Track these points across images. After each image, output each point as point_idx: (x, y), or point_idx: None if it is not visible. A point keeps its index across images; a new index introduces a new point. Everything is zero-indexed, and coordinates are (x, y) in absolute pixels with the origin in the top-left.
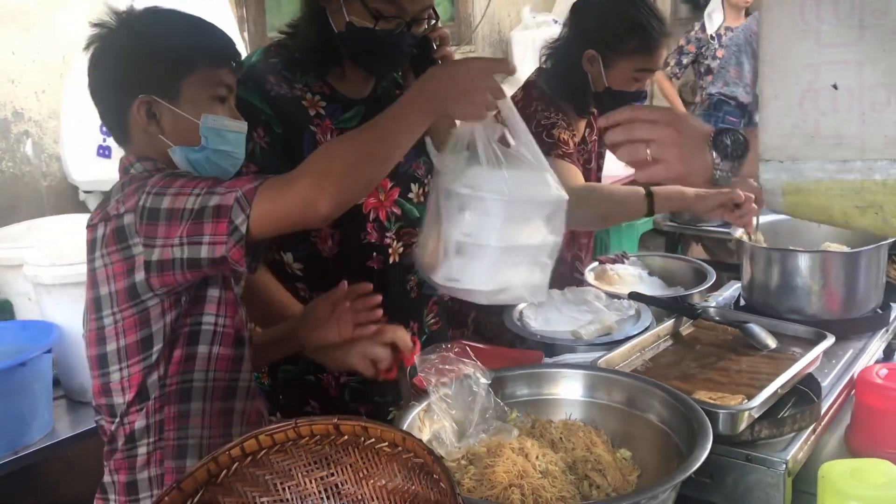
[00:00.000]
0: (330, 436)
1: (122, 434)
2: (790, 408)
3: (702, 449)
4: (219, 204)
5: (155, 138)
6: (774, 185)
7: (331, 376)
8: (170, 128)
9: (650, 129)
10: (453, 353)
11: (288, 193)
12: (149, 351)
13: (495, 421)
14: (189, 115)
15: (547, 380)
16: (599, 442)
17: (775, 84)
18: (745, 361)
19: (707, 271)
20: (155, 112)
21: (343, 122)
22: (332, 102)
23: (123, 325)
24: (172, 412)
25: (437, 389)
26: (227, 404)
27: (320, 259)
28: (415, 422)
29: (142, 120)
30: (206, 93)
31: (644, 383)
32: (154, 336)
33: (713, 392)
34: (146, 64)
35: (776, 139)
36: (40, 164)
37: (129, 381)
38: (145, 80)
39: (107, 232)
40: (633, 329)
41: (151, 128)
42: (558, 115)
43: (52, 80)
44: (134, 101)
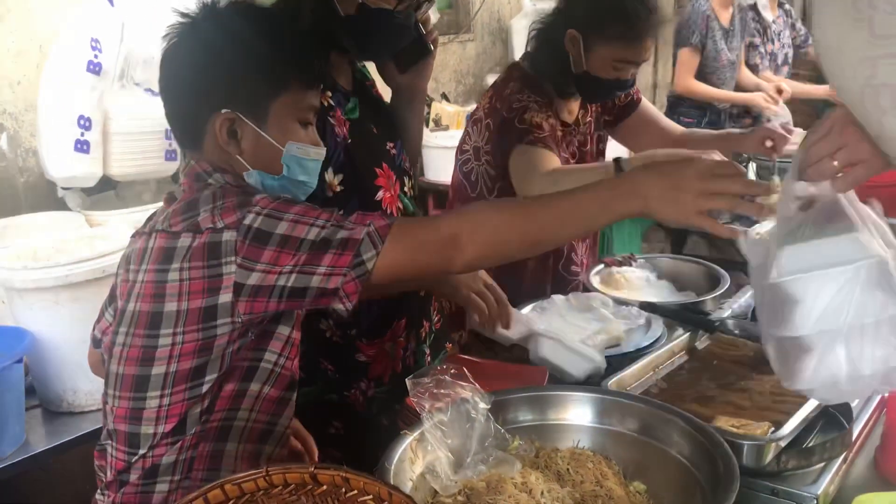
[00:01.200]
0: (306, 486)
1: (141, 467)
2: (818, 434)
3: (729, 491)
4: (347, 238)
5: (231, 157)
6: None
7: (358, 391)
8: (250, 149)
9: (831, 139)
10: (449, 375)
11: (430, 244)
12: (199, 380)
13: (495, 450)
14: (274, 141)
15: (553, 404)
16: (610, 474)
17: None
18: (768, 382)
19: (720, 275)
20: (237, 130)
21: (349, 111)
22: (335, 93)
23: (182, 349)
24: (207, 450)
25: (432, 416)
26: (259, 447)
27: None
28: (406, 453)
29: (221, 137)
30: (293, 116)
31: (660, 410)
32: (209, 365)
33: (735, 418)
34: (236, 76)
35: None
36: (16, 159)
37: (169, 410)
38: (232, 94)
39: (195, 244)
40: (643, 340)
41: (231, 147)
42: (531, 97)
43: (28, 71)
44: (215, 112)
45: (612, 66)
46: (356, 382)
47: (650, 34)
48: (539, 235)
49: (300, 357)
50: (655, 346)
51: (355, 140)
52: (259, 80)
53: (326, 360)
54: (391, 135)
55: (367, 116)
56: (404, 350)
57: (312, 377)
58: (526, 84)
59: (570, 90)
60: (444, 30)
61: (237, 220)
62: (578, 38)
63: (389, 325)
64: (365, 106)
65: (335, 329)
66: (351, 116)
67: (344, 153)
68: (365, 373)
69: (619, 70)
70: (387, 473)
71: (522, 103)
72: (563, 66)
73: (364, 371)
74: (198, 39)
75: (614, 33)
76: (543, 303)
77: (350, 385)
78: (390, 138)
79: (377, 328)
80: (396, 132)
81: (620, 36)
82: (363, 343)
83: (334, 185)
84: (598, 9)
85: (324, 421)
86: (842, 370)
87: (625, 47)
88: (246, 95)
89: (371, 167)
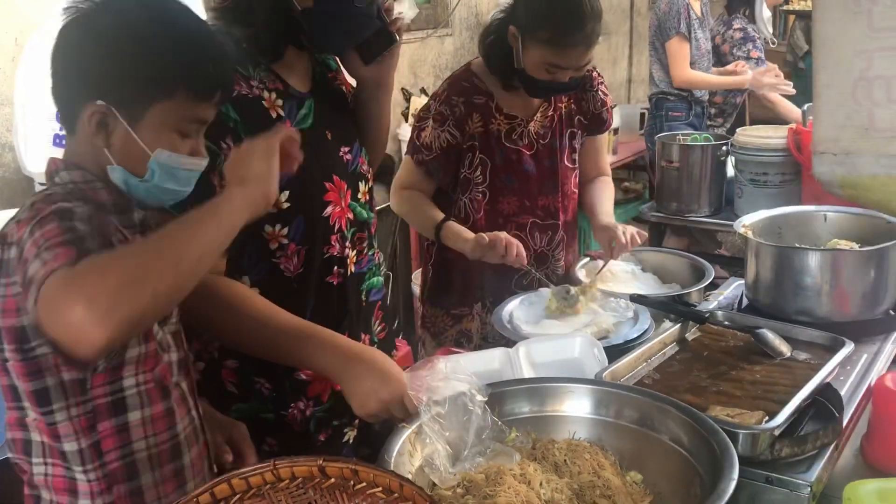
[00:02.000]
0: (314, 479)
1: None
2: (809, 422)
3: (729, 479)
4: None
5: (98, 149)
6: (831, 178)
7: (297, 410)
8: (118, 146)
9: None
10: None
11: (59, 314)
12: (49, 407)
13: (493, 443)
14: (144, 144)
15: (549, 395)
16: (607, 464)
17: (828, 72)
18: (759, 371)
19: (705, 267)
20: (108, 124)
21: (301, 120)
22: (287, 100)
23: (12, 367)
24: (123, 491)
25: (429, 408)
26: (176, 464)
27: (283, 279)
28: (405, 446)
29: (89, 127)
30: (172, 126)
31: (655, 400)
32: (52, 392)
33: (729, 407)
34: (115, 70)
35: (830, 131)
36: None
37: (37, 424)
38: (110, 87)
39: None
40: (632, 332)
41: (98, 139)
42: (446, 105)
43: (3, 65)
44: (89, 101)
45: (544, 68)
46: (294, 402)
47: (581, 42)
48: (181, 254)
49: (233, 373)
50: (644, 337)
51: (306, 154)
52: (141, 81)
53: (262, 377)
54: (347, 137)
55: (321, 121)
56: None
57: (247, 394)
58: (463, 81)
59: (514, 84)
60: (423, 25)
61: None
62: (517, 36)
63: None
64: (321, 108)
65: None
66: (303, 126)
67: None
68: (304, 392)
69: (551, 73)
70: (386, 467)
71: (426, 118)
72: (509, 60)
73: (303, 390)
74: (91, 22)
75: (543, 37)
76: (532, 296)
77: (287, 405)
78: (345, 141)
79: None
80: (353, 133)
81: (548, 41)
82: None
83: (279, 202)
84: (532, 11)
85: (258, 438)
86: None
87: (553, 53)
88: (123, 92)
89: (321, 182)
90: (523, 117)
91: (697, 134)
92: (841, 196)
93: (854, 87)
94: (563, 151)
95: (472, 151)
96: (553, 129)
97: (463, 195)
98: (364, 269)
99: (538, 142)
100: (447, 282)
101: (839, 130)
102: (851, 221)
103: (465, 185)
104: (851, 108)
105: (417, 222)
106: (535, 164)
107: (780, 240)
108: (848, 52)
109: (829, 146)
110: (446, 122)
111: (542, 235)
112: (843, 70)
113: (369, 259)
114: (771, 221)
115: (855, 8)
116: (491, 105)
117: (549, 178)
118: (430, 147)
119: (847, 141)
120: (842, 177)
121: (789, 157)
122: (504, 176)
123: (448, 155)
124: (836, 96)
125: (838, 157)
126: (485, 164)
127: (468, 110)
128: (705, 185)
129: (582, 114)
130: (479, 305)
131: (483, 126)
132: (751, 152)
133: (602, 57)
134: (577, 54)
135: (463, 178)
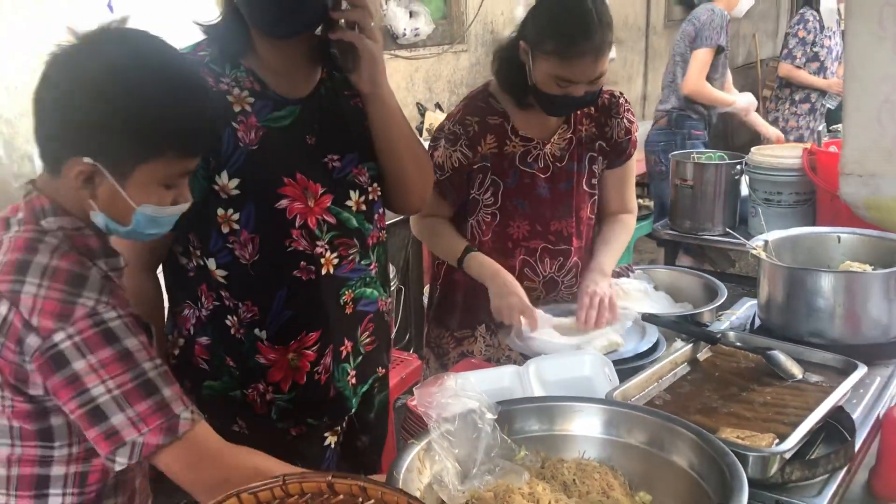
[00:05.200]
0: (323, 495)
1: None
2: (821, 445)
3: (737, 502)
4: (114, 429)
5: (82, 197)
6: (856, 199)
7: (256, 392)
8: (104, 199)
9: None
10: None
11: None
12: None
13: (502, 461)
14: (130, 200)
15: (559, 414)
16: (616, 484)
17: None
18: (770, 393)
19: (717, 287)
20: (94, 179)
21: (272, 119)
22: (261, 99)
23: (11, 412)
24: None
25: (439, 425)
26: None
27: (240, 265)
28: (414, 462)
29: (76, 182)
30: (160, 181)
31: (665, 420)
32: (55, 431)
33: (739, 429)
34: (103, 125)
35: (856, 153)
36: (11, 165)
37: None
38: (97, 145)
39: (9, 320)
40: (641, 345)
41: (83, 192)
42: (459, 125)
43: (25, 77)
44: (76, 156)
45: (554, 82)
46: (254, 383)
47: (589, 52)
48: None
49: (205, 350)
50: (656, 354)
51: (264, 147)
52: (130, 140)
53: (229, 356)
54: (337, 148)
55: (304, 126)
56: (313, 364)
57: (218, 372)
58: (479, 101)
59: (525, 102)
60: (439, 40)
61: (49, 330)
62: (528, 51)
63: (296, 335)
64: (312, 115)
65: (239, 327)
66: (276, 124)
67: (245, 158)
68: (263, 375)
69: (563, 87)
70: (395, 483)
71: (439, 138)
72: (521, 78)
73: (262, 374)
74: (77, 66)
75: (550, 48)
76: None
77: (248, 384)
78: (334, 151)
79: (282, 335)
80: (351, 145)
81: (555, 52)
82: (264, 345)
83: (228, 189)
84: (539, 23)
85: (228, 417)
86: None
87: (561, 64)
88: (113, 151)
89: (277, 175)
90: (539, 139)
91: (712, 152)
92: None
93: (879, 111)
94: (582, 175)
95: (483, 172)
96: (571, 152)
97: (470, 217)
98: (348, 274)
99: (554, 164)
100: (452, 303)
101: (865, 153)
102: (865, 243)
103: (472, 206)
104: (877, 131)
105: (440, 250)
106: (550, 187)
107: (794, 260)
108: (874, 76)
109: (854, 168)
110: (458, 142)
111: (552, 261)
112: (869, 94)
113: (358, 268)
114: (784, 242)
115: (881, 33)
116: (506, 126)
117: (564, 201)
118: (443, 167)
119: (872, 163)
120: (866, 198)
121: (804, 177)
122: (515, 199)
123: (460, 175)
124: (863, 119)
125: (863, 178)
126: (496, 185)
127: (482, 130)
128: (719, 203)
129: (604, 139)
130: (483, 327)
131: (497, 147)
132: (765, 172)
133: (617, 73)
134: (586, 65)
135: (472, 199)
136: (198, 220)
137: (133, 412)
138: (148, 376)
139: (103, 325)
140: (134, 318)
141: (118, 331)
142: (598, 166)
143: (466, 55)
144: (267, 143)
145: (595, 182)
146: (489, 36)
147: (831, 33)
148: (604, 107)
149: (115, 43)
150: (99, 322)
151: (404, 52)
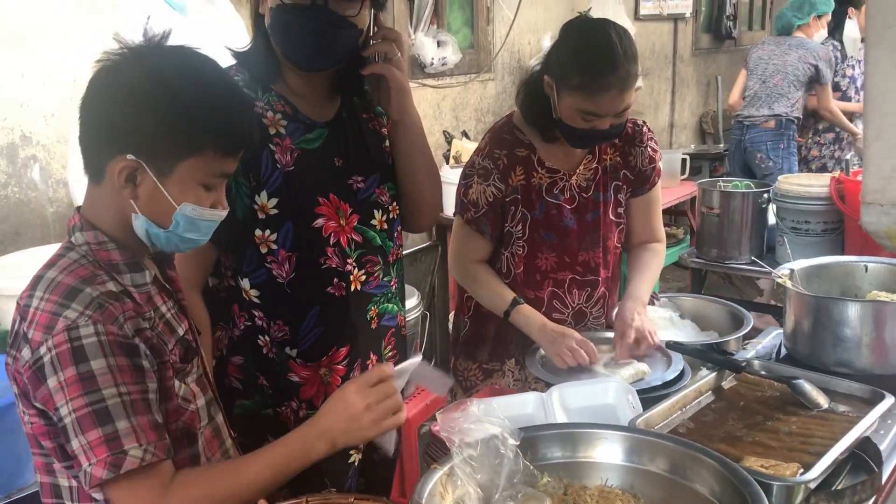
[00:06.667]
0: None
1: None
2: (847, 476)
3: None
4: (76, 451)
5: (124, 200)
6: (877, 228)
7: (289, 409)
8: (145, 199)
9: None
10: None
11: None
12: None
13: (524, 487)
14: (171, 198)
15: (582, 441)
16: None
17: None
18: (795, 422)
19: (743, 315)
20: (137, 177)
21: (304, 142)
22: (293, 122)
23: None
24: None
25: (462, 451)
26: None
27: (276, 284)
28: (437, 487)
29: (119, 181)
30: (199, 180)
31: (689, 449)
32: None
33: (764, 458)
34: (146, 125)
35: (877, 182)
36: (47, 190)
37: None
38: (141, 144)
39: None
40: (668, 374)
41: (126, 191)
42: (489, 161)
43: (61, 104)
44: (119, 154)
45: (579, 116)
46: (288, 401)
47: (615, 86)
48: (247, 497)
49: (238, 370)
50: (681, 382)
51: (300, 168)
52: (171, 137)
53: (262, 375)
54: (362, 169)
55: (332, 149)
56: (343, 378)
57: (251, 390)
58: (504, 133)
59: (551, 135)
60: (466, 69)
61: (37, 343)
62: (552, 86)
63: (327, 351)
64: (338, 138)
65: (271, 346)
66: (307, 146)
67: (283, 179)
68: (296, 393)
69: (588, 121)
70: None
71: (471, 175)
72: (546, 111)
73: (295, 391)
74: (122, 73)
75: (575, 83)
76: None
77: (281, 403)
78: (359, 172)
79: (314, 352)
80: (374, 167)
81: (580, 86)
82: (296, 363)
83: (267, 208)
84: (563, 58)
85: (260, 435)
86: None
87: (586, 98)
88: (155, 149)
89: (313, 195)
90: (565, 171)
91: (738, 181)
92: (887, 247)
93: None
94: (609, 205)
95: (514, 205)
96: (597, 182)
97: (505, 250)
98: (374, 290)
99: (580, 195)
100: (483, 335)
101: (886, 182)
102: (893, 273)
103: (507, 239)
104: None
105: (485, 300)
106: (577, 217)
107: (820, 290)
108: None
109: (876, 197)
110: (491, 176)
111: (580, 292)
112: (890, 123)
113: (382, 284)
114: (811, 271)
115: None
116: (533, 158)
117: (591, 232)
118: (477, 203)
119: (893, 192)
120: (888, 227)
121: (832, 206)
122: (543, 231)
123: (495, 209)
124: (884, 148)
125: (885, 207)
126: (525, 217)
127: (511, 163)
128: (746, 232)
129: (628, 168)
130: (512, 362)
131: (525, 179)
132: (792, 200)
133: (644, 102)
134: (611, 98)
135: (506, 231)
136: (235, 241)
137: (84, 440)
138: (105, 404)
139: (77, 342)
140: (120, 338)
141: (89, 349)
142: (624, 195)
143: (493, 84)
144: (302, 164)
145: (621, 211)
146: (516, 64)
147: (854, 63)
148: (627, 136)
149: (156, 51)
150: (74, 337)
151: (431, 81)
